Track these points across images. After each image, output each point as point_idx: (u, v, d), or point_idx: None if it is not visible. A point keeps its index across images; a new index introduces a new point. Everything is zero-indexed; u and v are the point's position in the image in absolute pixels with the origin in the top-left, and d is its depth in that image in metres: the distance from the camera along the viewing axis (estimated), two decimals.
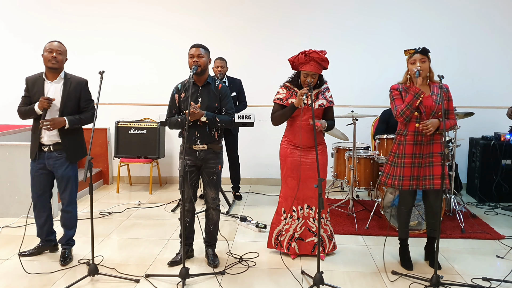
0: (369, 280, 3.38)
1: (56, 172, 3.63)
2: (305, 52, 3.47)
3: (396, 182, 3.47)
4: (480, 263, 3.72)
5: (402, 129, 3.49)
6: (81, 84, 3.65)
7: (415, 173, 3.43)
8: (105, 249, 3.97)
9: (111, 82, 5.88)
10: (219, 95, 3.54)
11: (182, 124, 3.47)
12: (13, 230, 4.41)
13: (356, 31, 6.08)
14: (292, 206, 3.73)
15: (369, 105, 6.01)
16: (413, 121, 3.40)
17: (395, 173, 3.49)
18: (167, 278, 3.35)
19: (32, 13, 6.29)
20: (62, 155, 3.60)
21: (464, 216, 4.66)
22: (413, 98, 3.29)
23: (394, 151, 3.53)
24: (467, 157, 6.03)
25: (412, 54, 3.36)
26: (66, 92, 3.56)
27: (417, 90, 3.28)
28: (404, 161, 3.44)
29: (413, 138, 3.41)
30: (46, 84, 3.56)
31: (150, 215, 4.97)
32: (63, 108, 3.55)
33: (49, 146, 3.57)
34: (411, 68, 3.35)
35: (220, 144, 3.61)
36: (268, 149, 6.27)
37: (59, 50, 3.55)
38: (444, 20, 5.97)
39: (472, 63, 6.01)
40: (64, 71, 3.63)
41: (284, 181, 3.76)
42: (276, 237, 3.83)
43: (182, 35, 6.15)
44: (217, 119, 3.45)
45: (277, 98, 3.69)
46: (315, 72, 3.49)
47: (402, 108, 3.36)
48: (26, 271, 3.42)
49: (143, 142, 5.88)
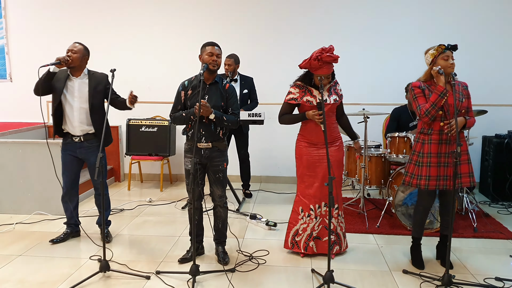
0: (379, 279, 3.36)
1: (89, 160, 3.94)
2: (317, 57, 3.40)
3: (423, 182, 3.37)
4: (493, 262, 3.67)
5: (425, 128, 3.40)
6: (104, 79, 3.96)
7: (442, 172, 3.35)
8: (116, 245, 3.99)
9: (123, 80, 5.90)
10: (226, 94, 3.52)
11: (187, 119, 3.44)
12: (26, 226, 4.46)
13: (367, 28, 6.03)
14: (309, 205, 3.70)
15: (380, 102, 5.97)
16: (438, 120, 3.33)
17: (420, 172, 3.39)
18: (177, 275, 3.36)
19: (46, 12, 6.36)
20: (92, 144, 3.91)
21: (476, 215, 4.61)
22: (438, 97, 3.22)
23: (418, 150, 3.44)
24: (480, 155, 5.96)
25: (444, 50, 3.27)
26: (92, 86, 3.86)
27: (441, 88, 3.22)
28: (430, 161, 3.35)
29: (438, 137, 3.34)
30: (71, 81, 3.85)
31: (161, 212, 5.00)
32: (92, 100, 3.85)
33: (79, 137, 3.87)
34: (444, 64, 3.26)
35: (225, 142, 3.60)
36: (278, 147, 6.27)
37: (73, 50, 3.79)
38: (456, 16, 5.90)
39: (485, 60, 5.94)
40: (87, 68, 3.91)
41: (301, 179, 3.72)
42: (293, 237, 3.78)
43: (193, 33, 6.16)
44: (224, 118, 3.43)
45: (290, 98, 3.63)
46: (329, 73, 3.48)
47: (427, 108, 3.27)
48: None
49: (154, 140, 5.91)
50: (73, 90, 3.82)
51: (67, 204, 4.03)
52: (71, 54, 3.75)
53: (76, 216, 4.13)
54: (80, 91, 3.83)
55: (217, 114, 3.38)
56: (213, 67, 3.37)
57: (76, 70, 3.83)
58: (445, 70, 3.27)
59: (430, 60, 3.35)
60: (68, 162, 3.95)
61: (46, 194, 4.73)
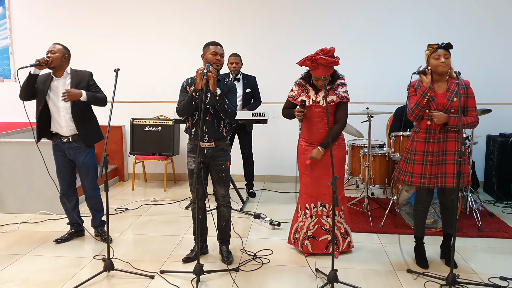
0: (383, 278, 3.35)
1: (77, 161, 3.93)
2: (311, 58, 3.40)
3: (407, 178, 3.46)
4: (498, 262, 3.66)
5: (416, 126, 3.48)
6: (86, 76, 3.93)
7: (427, 171, 3.39)
8: (121, 245, 4.01)
9: (126, 79, 5.92)
10: (227, 89, 3.49)
11: (190, 97, 3.33)
12: (30, 226, 4.48)
13: (371, 27, 6.01)
14: (305, 204, 3.72)
15: (384, 102, 5.95)
16: (425, 118, 3.37)
17: (407, 169, 3.48)
18: (181, 275, 3.37)
19: (48, 13, 6.37)
20: (80, 145, 3.89)
21: (481, 214, 4.59)
22: (420, 96, 3.28)
23: (408, 147, 3.53)
24: (484, 154, 5.94)
25: (436, 49, 3.29)
26: (73, 85, 3.84)
27: (423, 88, 3.27)
28: (414, 158, 3.42)
29: (424, 136, 3.39)
30: (55, 81, 3.85)
31: (165, 211, 5.01)
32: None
33: (68, 138, 3.86)
34: (434, 63, 3.29)
35: (227, 141, 3.58)
36: (282, 146, 6.27)
37: (53, 50, 3.80)
38: (460, 15, 5.87)
39: (489, 59, 5.91)
40: (70, 67, 3.91)
41: (300, 178, 3.76)
42: (294, 233, 3.85)
43: (197, 33, 6.16)
44: (226, 101, 3.36)
45: (290, 95, 3.70)
46: (325, 74, 3.46)
47: (412, 107, 3.35)
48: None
49: (158, 139, 5.93)
50: (57, 91, 3.82)
51: (66, 205, 4.04)
52: (50, 55, 3.76)
53: (78, 216, 4.14)
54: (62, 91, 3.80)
55: (222, 93, 3.34)
56: (217, 66, 3.37)
57: (58, 70, 3.83)
58: (436, 69, 3.29)
59: (426, 60, 3.39)
60: (60, 164, 3.95)
61: (50, 194, 4.73)
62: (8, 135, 5.47)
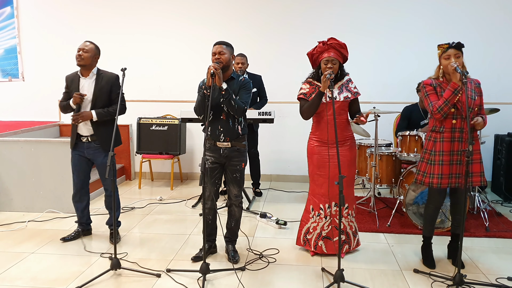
0: (390, 278, 3.34)
1: (96, 161, 3.97)
2: (323, 41, 3.52)
3: (435, 180, 3.35)
4: (505, 262, 3.64)
5: (437, 126, 3.37)
6: (112, 79, 3.91)
7: (454, 170, 3.33)
8: (127, 244, 4.02)
9: (133, 79, 5.93)
10: (238, 86, 3.47)
11: (201, 95, 3.35)
12: (38, 224, 4.51)
13: (378, 26, 5.99)
14: (319, 204, 3.70)
15: (391, 101, 5.93)
16: (450, 117, 3.30)
17: (433, 171, 3.37)
18: (188, 273, 3.37)
19: (58, 12, 6.41)
20: (99, 145, 3.90)
21: (488, 214, 4.56)
22: (452, 94, 3.19)
23: (430, 148, 3.41)
24: (492, 154, 5.90)
25: (446, 49, 3.25)
26: (98, 86, 3.85)
27: (456, 85, 3.18)
28: (442, 159, 3.32)
29: (450, 135, 3.31)
30: (81, 80, 3.88)
31: (172, 210, 5.02)
32: (95, 101, 3.85)
33: (87, 137, 3.89)
34: (445, 63, 3.25)
35: (244, 141, 3.57)
36: (288, 145, 6.26)
37: (84, 49, 3.81)
38: (468, 14, 5.84)
39: (498, 58, 5.87)
40: (97, 67, 3.91)
41: (312, 178, 3.73)
42: (305, 235, 3.80)
43: (204, 32, 6.17)
44: (233, 96, 3.34)
45: (301, 93, 3.67)
46: (335, 58, 3.47)
47: (440, 104, 3.24)
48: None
49: (164, 139, 5.94)
50: (83, 90, 3.85)
51: (78, 204, 4.07)
52: (82, 53, 3.77)
53: (88, 215, 4.17)
54: (88, 91, 3.85)
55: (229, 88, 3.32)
56: (216, 64, 3.33)
57: (86, 69, 3.85)
58: (446, 69, 3.26)
59: (438, 59, 3.35)
60: (77, 163, 3.97)
61: (58, 192, 4.77)
62: (17, 134, 5.51)
